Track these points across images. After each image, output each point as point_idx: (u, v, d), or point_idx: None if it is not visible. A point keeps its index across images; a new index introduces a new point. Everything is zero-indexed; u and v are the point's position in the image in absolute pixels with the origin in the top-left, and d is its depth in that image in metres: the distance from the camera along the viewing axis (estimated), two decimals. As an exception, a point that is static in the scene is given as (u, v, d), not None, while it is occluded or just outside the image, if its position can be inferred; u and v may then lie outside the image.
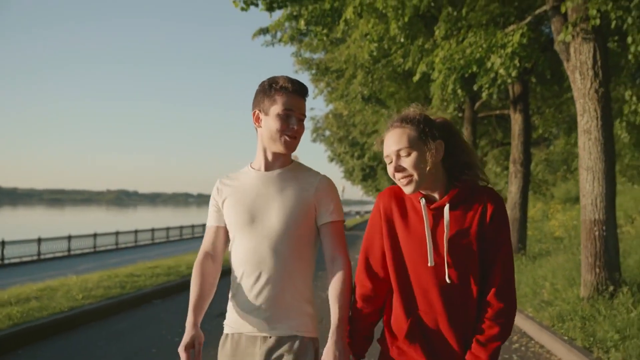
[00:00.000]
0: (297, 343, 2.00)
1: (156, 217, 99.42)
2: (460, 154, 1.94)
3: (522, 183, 11.73)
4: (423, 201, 1.89)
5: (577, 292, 6.89)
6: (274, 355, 1.98)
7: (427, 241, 1.86)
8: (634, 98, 9.47)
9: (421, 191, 1.92)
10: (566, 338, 5.62)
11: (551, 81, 12.05)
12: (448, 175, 1.94)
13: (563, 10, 6.62)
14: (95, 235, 29.23)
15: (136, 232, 33.68)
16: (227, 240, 2.15)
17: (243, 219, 2.05)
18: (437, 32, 9.12)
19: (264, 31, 13.94)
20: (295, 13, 7.35)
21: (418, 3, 7.22)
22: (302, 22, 7.34)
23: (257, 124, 2.09)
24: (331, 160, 36.95)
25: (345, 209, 64.33)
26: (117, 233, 31.46)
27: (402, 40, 8.33)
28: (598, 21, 6.28)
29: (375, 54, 8.96)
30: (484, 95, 9.31)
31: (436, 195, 1.92)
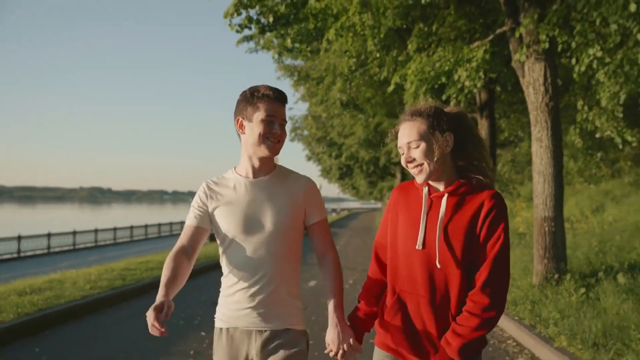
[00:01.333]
0: (290, 335, 2.15)
1: (131, 214, 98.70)
2: (470, 146, 2.04)
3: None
4: (425, 189, 2.03)
5: (530, 280, 7.86)
6: (270, 347, 2.13)
7: (420, 225, 1.99)
8: (585, 107, 10.49)
9: (429, 182, 2.05)
10: (517, 318, 6.55)
11: (513, 91, 13.07)
12: (457, 169, 2.06)
13: (517, 34, 7.55)
14: (75, 233, 29.44)
15: (115, 229, 33.92)
16: (204, 240, 2.24)
17: (239, 227, 2.15)
18: (409, 46, 10.02)
19: (247, 38, 14.69)
20: (282, 32, 8.15)
21: (392, 23, 8.09)
22: (288, 41, 8.18)
23: (240, 130, 2.19)
24: (309, 159, 38.00)
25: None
26: (96, 230, 31.61)
27: (377, 55, 9.20)
28: (547, 45, 7.21)
29: (354, 68, 9.82)
30: (452, 104, 10.23)
31: (441, 187, 2.03)
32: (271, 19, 7.25)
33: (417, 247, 1.97)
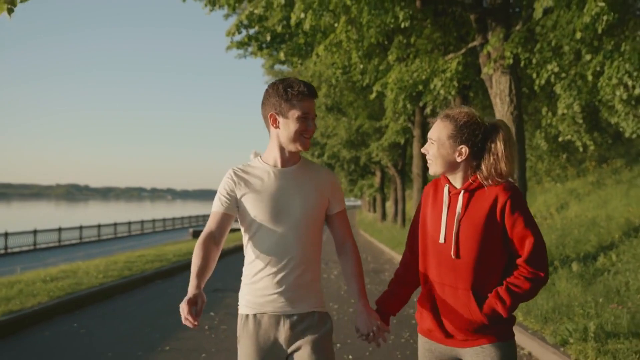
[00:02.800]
0: (316, 317, 2.23)
1: (109, 211, 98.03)
2: (487, 156, 2.09)
3: (462, 182, 13.75)
4: (447, 187, 2.16)
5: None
6: (298, 330, 2.20)
7: (442, 221, 2.13)
8: (549, 113, 11.54)
9: (449, 179, 2.17)
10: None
11: (484, 97, 14.11)
12: (474, 171, 2.12)
13: (485, 52, 8.50)
14: (60, 230, 29.79)
15: (99, 226, 34.28)
16: (230, 226, 2.29)
17: (269, 213, 2.20)
18: (390, 56, 10.95)
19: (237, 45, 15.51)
20: (276, 47, 9.02)
21: (374, 38, 8.98)
22: (282, 54, 9.05)
23: (274, 125, 2.22)
24: (291, 157, 38.77)
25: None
26: (80, 227, 32.00)
27: (361, 66, 10.11)
28: (511, 61, 8.17)
29: (339, 78, 10.72)
30: (428, 110, 11.19)
31: (458, 184, 2.14)
32: (268, 38, 8.12)
33: (439, 241, 2.12)
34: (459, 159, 2.10)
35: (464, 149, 2.08)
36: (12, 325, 5.67)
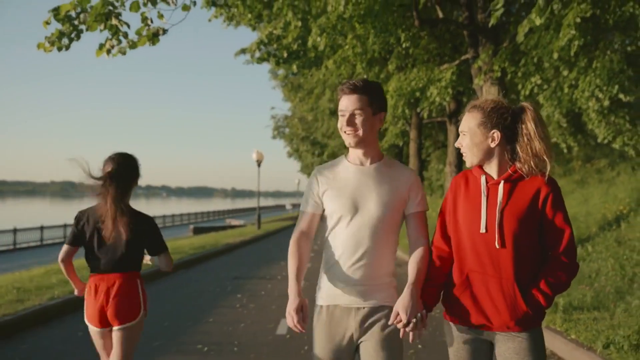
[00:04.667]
0: (386, 312, 2.26)
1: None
2: (521, 140, 2.09)
3: (456, 181, 14.84)
4: (483, 178, 2.15)
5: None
6: (367, 323, 2.26)
7: (482, 211, 2.11)
8: (543, 114, 12.58)
9: (484, 169, 2.18)
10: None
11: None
12: (511, 157, 2.14)
13: (476, 66, 9.54)
14: (65, 226, 28.76)
15: None
16: (318, 223, 2.40)
17: (346, 208, 2.28)
18: (390, 66, 11.99)
19: (244, 51, 16.49)
20: (291, 62, 10.06)
21: (377, 53, 10.02)
22: (294, 67, 10.09)
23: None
24: (290, 155, 40.09)
25: (298, 200, 67.32)
26: (64, 226, 29.76)
27: (365, 76, 11.16)
28: (499, 74, 9.21)
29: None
30: (425, 115, 12.21)
31: (494, 174, 2.15)
32: (285, 55, 9.14)
33: (480, 230, 2.11)
34: (492, 145, 2.12)
35: (496, 134, 2.11)
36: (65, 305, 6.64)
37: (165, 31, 4.42)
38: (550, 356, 5.00)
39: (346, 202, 2.29)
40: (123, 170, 3.04)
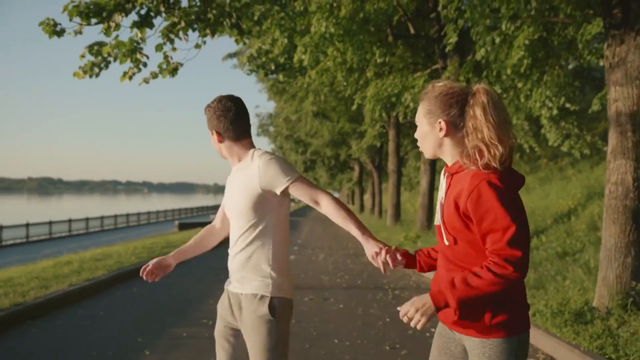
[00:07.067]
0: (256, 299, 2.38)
1: (84, 206, 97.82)
2: (469, 129, 1.88)
3: (429, 178, 15.99)
4: (444, 170, 2.02)
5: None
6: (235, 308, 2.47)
7: (438, 204, 2.01)
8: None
9: (446, 161, 2.00)
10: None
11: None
12: (462, 149, 1.92)
13: (443, 77, 10.65)
14: (27, 225, 27.99)
15: (70, 221, 32.40)
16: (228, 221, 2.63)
17: (226, 211, 2.58)
18: (368, 73, 13.06)
19: (231, 55, 17.45)
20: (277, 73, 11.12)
21: (356, 64, 11.10)
22: (281, 76, 11.13)
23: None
24: (274, 153, 41.11)
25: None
26: (50, 222, 30.12)
27: (344, 84, 12.23)
28: (465, 83, 10.27)
29: (327, 94, 12.87)
30: (401, 119, 13.30)
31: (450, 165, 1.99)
32: (273, 67, 10.17)
33: (436, 223, 2.05)
34: (441, 135, 1.94)
35: (442, 123, 1.92)
36: (91, 288, 7.62)
37: (181, 65, 5.46)
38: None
39: (225, 202, 2.60)
40: None
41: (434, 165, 16.34)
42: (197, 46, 5.49)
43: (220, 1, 5.38)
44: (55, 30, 4.86)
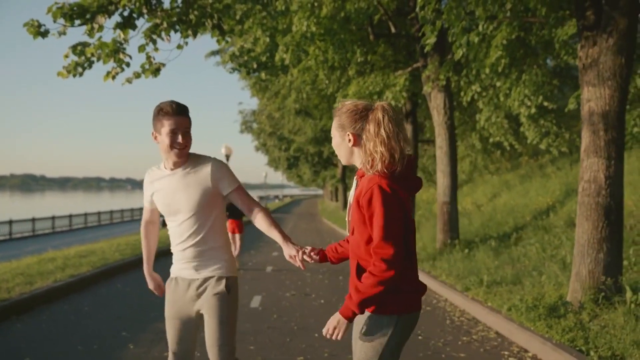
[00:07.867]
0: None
1: (68, 203, 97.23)
2: (365, 141, 2.18)
3: (412, 174, 16.16)
4: (357, 175, 2.31)
5: (434, 245, 11.19)
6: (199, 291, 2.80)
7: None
8: (482, 118, 13.98)
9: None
10: (421, 269, 9.82)
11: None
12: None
13: (425, 75, 10.78)
14: (10, 222, 27.72)
15: (53, 218, 32.14)
16: (158, 215, 2.98)
17: (167, 211, 2.76)
18: (350, 71, 13.14)
19: (214, 53, 17.47)
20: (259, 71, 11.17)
21: (337, 63, 11.17)
22: (263, 74, 11.18)
23: (156, 141, 2.69)
24: (257, 149, 41.27)
25: (265, 192, 68.16)
26: (33, 219, 29.85)
27: (327, 82, 12.31)
28: (444, 82, 10.46)
29: (309, 92, 12.93)
30: (382, 116, 13.42)
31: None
32: (255, 66, 10.22)
33: (346, 219, 2.34)
34: (350, 145, 2.25)
35: (350, 135, 2.23)
36: (76, 284, 7.66)
37: (164, 65, 5.53)
38: (472, 319, 6.28)
39: (166, 205, 2.82)
40: None
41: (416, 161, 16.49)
42: (179, 47, 5.58)
43: (202, 2, 5.47)
44: (39, 31, 4.93)
